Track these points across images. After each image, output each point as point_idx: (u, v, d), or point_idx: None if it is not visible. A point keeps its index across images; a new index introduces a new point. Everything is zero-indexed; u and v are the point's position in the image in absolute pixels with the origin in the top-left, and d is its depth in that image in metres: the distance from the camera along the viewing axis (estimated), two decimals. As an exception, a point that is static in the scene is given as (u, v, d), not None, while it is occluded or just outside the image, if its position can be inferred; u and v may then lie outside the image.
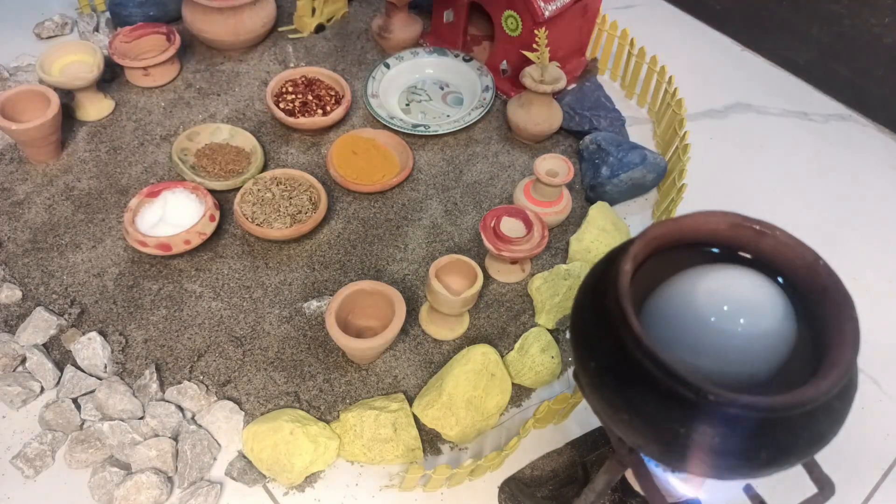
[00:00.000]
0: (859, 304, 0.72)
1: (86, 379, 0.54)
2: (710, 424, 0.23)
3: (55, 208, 0.65)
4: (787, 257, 0.28)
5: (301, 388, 0.55)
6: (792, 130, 0.83)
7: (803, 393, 0.23)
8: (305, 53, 0.81)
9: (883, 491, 0.55)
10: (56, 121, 0.65)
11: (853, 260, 0.70)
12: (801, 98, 0.87)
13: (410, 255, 0.64)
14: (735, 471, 0.24)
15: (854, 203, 0.75)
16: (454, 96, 0.79)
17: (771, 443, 0.24)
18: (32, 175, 0.67)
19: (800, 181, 0.77)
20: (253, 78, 0.78)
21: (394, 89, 0.78)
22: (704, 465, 0.24)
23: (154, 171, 0.68)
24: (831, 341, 0.25)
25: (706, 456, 0.23)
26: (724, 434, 0.23)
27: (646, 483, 0.34)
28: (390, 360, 0.57)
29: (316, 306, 0.59)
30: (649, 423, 0.25)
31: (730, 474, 0.24)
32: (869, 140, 0.83)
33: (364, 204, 0.67)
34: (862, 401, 0.60)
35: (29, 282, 0.60)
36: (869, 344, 0.65)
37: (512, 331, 0.59)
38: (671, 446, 0.24)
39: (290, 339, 0.57)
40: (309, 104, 0.72)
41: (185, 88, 0.76)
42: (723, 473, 0.24)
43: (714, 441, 0.23)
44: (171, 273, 0.61)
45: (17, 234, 0.63)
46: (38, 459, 0.50)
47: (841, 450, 0.56)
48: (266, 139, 0.72)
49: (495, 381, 0.54)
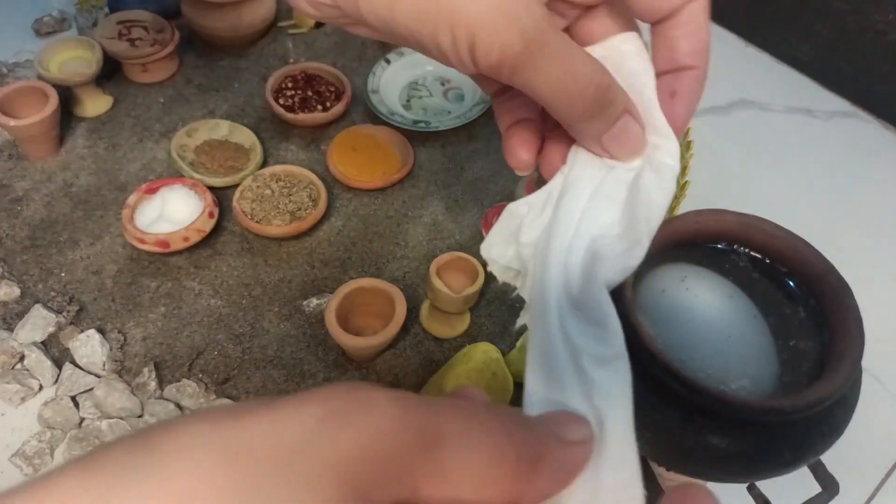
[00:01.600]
0: (863, 303, 0.71)
1: (84, 377, 0.53)
2: (736, 433, 0.23)
3: (54, 205, 0.64)
4: (777, 249, 0.27)
5: (301, 387, 0.54)
6: (795, 127, 0.82)
7: (820, 390, 0.23)
8: (305, 49, 0.81)
9: (886, 490, 0.55)
10: (54, 117, 0.64)
11: (857, 257, 0.69)
12: (804, 95, 0.86)
13: (411, 253, 0.63)
14: (761, 473, 0.24)
15: (858, 200, 0.75)
16: (455, 92, 0.78)
17: (793, 442, 0.24)
18: (31, 172, 0.67)
19: (803, 178, 0.77)
20: (252, 74, 0.78)
21: (394, 85, 0.78)
22: (734, 475, 0.24)
23: (153, 168, 0.68)
24: (837, 335, 0.26)
25: (734, 465, 0.23)
26: (751, 440, 0.23)
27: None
28: (390, 359, 0.56)
29: (315, 304, 0.59)
30: (674, 439, 0.24)
31: (757, 477, 0.24)
32: (873, 137, 0.82)
33: (364, 201, 0.67)
34: (866, 400, 0.60)
35: (27, 279, 0.59)
36: (873, 343, 0.64)
37: (513, 329, 0.59)
38: (699, 459, 0.24)
39: (290, 336, 0.57)
40: (309, 100, 0.72)
41: (184, 84, 0.76)
42: (751, 477, 0.24)
43: (741, 448, 0.23)
44: (170, 270, 0.61)
45: (15, 231, 0.62)
46: (37, 457, 0.50)
47: (845, 449, 0.56)
48: (265, 135, 0.71)
49: (496, 380, 0.54)
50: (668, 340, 0.25)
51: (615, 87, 0.26)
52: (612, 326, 0.21)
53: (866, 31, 0.83)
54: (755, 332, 0.26)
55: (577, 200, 0.26)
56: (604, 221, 0.25)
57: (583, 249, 0.24)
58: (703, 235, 0.28)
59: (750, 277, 0.28)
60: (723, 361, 0.25)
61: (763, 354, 0.26)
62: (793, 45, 0.89)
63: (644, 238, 0.24)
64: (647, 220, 0.24)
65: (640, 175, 0.25)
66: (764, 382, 0.25)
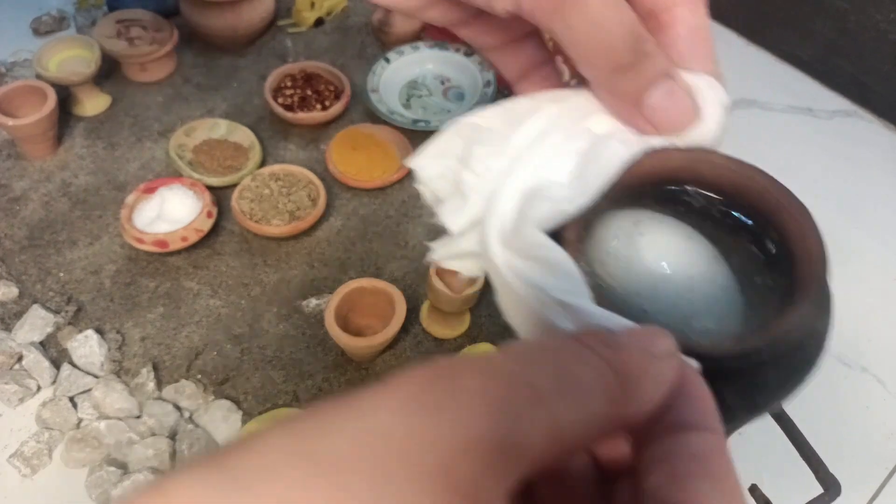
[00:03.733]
0: (864, 302, 0.71)
1: (83, 377, 0.53)
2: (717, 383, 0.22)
3: (52, 205, 0.64)
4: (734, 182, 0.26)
5: (300, 387, 0.54)
6: (796, 126, 0.82)
7: (784, 323, 0.22)
8: (304, 48, 0.81)
9: (888, 491, 0.54)
10: (53, 116, 0.64)
11: (858, 257, 0.69)
12: (805, 94, 0.86)
13: (411, 253, 0.63)
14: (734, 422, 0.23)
15: (859, 199, 0.75)
16: (455, 91, 0.78)
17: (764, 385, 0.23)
18: (29, 171, 0.66)
19: (804, 177, 0.76)
20: (251, 73, 0.77)
21: (394, 84, 0.78)
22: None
23: (151, 167, 0.68)
24: (800, 262, 0.24)
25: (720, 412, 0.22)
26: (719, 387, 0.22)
27: None
28: (390, 359, 0.56)
29: (315, 304, 0.59)
30: None
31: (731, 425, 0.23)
32: (874, 136, 0.82)
33: (364, 200, 0.67)
34: (867, 401, 0.60)
35: (26, 279, 0.59)
36: (874, 344, 0.64)
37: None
38: None
39: (289, 337, 0.57)
40: (308, 99, 0.72)
41: (183, 83, 0.76)
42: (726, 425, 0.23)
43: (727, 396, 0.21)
44: (169, 270, 0.60)
45: (13, 230, 0.62)
46: (36, 458, 0.50)
47: (846, 450, 0.56)
48: (264, 135, 0.71)
49: (496, 380, 0.53)
50: (627, 289, 0.24)
51: (653, 43, 0.24)
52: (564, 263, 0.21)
53: (867, 31, 0.82)
54: (716, 272, 0.24)
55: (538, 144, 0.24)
56: (556, 168, 0.23)
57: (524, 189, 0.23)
58: (653, 178, 0.25)
59: (707, 216, 0.26)
60: (686, 305, 0.24)
61: (726, 295, 0.24)
62: (794, 44, 0.89)
63: (591, 191, 0.23)
64: (598, 176, 0.23)
65: (604, 141, 0.24)
66: (730, 323, 0.24)
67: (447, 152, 0.26)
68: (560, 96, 0.26)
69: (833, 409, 0.58)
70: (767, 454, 0.55)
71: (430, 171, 0.26)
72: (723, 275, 0.24)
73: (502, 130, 0.25)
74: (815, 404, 0.58)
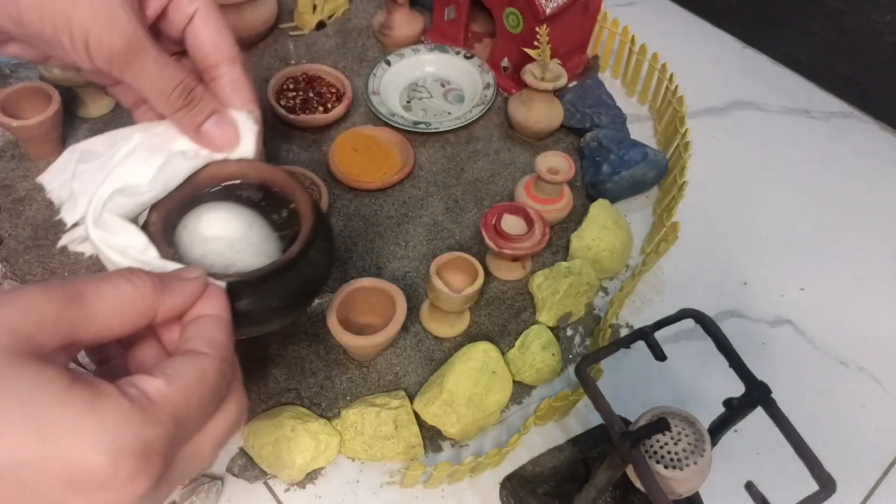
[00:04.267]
0: (861, 304, 0.72)
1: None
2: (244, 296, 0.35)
3: (56, 205, 0.65)
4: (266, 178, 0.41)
5: (302, 385, 0.55)
6: (794, 128, 0.83)
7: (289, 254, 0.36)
8: (306, 50, 0.81)
9: (883, 488, 0.55)
10: (57, 118, 0.65)
11: (855, 258, 0.70)
12: (802, 95, 0.87)
13: (411, 253, 0.64)
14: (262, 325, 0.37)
15: (856, 201, 0.75)
16: (455, 93, 0.79)
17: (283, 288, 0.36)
18: (34, 172, 0.67)
19: (801, 178, 0.77)
20: (254, 75, 0.78)
21: (395, 86, 0.78)
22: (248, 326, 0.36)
23: (155, 169, 0.68)
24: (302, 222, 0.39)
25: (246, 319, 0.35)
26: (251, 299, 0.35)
27: (647, 480, 0.34)
28: (391, 358, 0.57)
29: (317, 303, 0.59)
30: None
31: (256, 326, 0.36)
32: (871, 138, 0.83)
33: (365, 201, 0.67)
34: (863, 399, 0.60)
35: (30, 279, 0.60)
36: (871, 343, 0.65)
37: (513, 328, 0.59)
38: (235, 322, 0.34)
39: (291, 335, 0.57)
40: (310, 101, 0.72)
41: (186, 85, 0.76)
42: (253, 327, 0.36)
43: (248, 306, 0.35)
44: (172, 270, 0.61)
45: (18, 230, 0.63)
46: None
47: (842, 448, 0.56)
48: (267, 136, 0.71)
49: (496, 379, 0.54)
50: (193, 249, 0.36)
51: (201, 90, 0.37)
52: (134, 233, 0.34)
53: (864, 32, 0.83)
54: (256, 232, 0.37)
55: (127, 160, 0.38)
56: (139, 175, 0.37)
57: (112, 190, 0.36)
58: (217, 179, 0.39)
59: (251, 200, 0.40)
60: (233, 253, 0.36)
61: (265, 244, 0.37)
62: (791, 45, 0.90)
63: (161, 188, 0.36)
64: (167, 179, 0.37)
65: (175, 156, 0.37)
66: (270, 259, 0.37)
67: (65, 169, 0.39)
68: (151, 126, 0.39)
69: (829, 407, 0.59)
70: (763, 451, 0.55)
71: (53, 184, 0.40)
72: (261, 233, 0.38)
73: (102, 151, 0.39)
74: (812, 402, 0.59)
